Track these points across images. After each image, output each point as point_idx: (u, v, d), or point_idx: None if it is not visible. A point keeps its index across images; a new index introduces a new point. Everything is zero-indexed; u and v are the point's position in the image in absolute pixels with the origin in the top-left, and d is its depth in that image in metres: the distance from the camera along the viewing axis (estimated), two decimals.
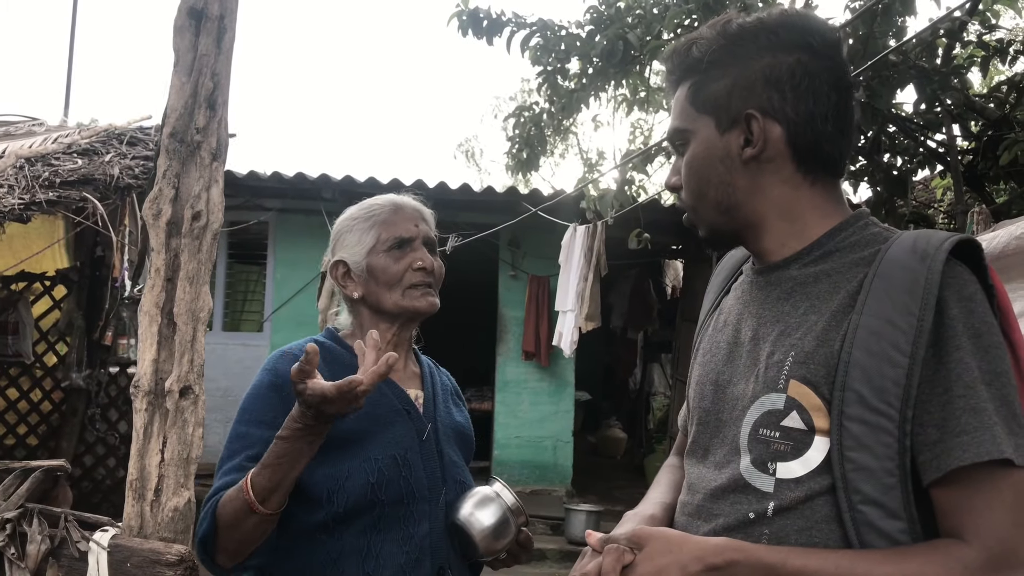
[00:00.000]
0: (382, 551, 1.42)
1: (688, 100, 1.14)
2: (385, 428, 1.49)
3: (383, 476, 1.44)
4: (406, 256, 1.56)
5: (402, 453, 1.47)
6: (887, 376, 0.95)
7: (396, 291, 1.55)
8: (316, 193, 7.65)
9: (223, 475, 1.44)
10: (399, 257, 1.55)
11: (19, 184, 4.22)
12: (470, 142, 19.57)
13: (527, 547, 1.55)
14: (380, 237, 1.56)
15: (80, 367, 5.91)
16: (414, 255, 1.56)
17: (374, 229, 1.57)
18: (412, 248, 1.57)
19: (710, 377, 1.18)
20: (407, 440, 1.50)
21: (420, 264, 1.55)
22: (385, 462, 1.45)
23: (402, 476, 1.46)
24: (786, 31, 1.09)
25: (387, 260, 1.55)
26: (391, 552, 1.42)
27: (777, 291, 1.11)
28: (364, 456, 1.44)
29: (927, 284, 0.96)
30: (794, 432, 1.01)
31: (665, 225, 7.39)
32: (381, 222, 1.58)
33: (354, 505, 1.42)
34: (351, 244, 1.58)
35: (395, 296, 1.55)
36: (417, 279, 1.55)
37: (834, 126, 1.09)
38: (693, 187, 1.15)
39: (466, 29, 5.25)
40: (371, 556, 1.41)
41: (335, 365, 1.52)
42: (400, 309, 1.55)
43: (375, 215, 1.59)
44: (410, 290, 1.55)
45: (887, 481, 0.95)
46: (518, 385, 8.18)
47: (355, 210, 1.63)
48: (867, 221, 1.11)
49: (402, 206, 1.61)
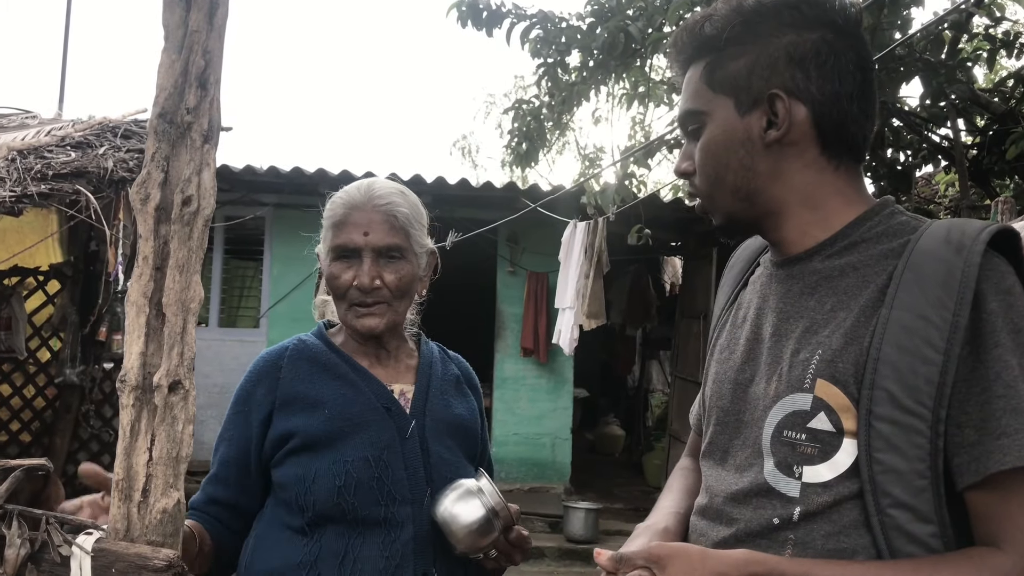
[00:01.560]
0: (360, 554, 1.36)
1: (703, 80, 1.07)
2: (359, 428, 1.42)
3: (351, 479, 1.37)
4: (351, 268, 1.45)
5: (377, 454, 1.40)
6: (920, 374, 0.89)
7: (342, 305, 1.47)
8: (313, 188, 7.58)
9: (203, 484, 1.47)
10: (344, 268, 1.45)
11: (10, 176, 4.16)
12: (466, 139, 19.49)
13: (522, 546, 1.46)
14: (332, 242, 1.47)
15: (74, 363, 5.86)
16: (355, 271, 1.44)
17: (330, 230, 1.48)
18: (359, 260, 1.45)
19: (728, 375, 1.12)
20: (385, 439, 1.42)
21: (356, 283, 1.43)
22: (355, 464, 1.38)
23: (376, 478, 1.38)
24: (808, 7, 1.03)
25: (332, 269, 1.46)
26: (371, 557, 1.36)
27: (800, 284, 1.05)
28: (333, 458, 1.38)
29: (964, 277, 0.90)
30: (822, 434, 0.95)
31: (665, 221, 7.34)
32: (333, 224, 1.48)
33: (322, 509, 1.37)
34: (322, 239, 1.52)
35: (341, 309, 1.48)
36: (355, 298, 1.45)
37: (859, 107, 1.03)
38: (710, 172, 1.08)
39: (465, 20, 5.18)
40: (348, 560, 1.36)
41: (311, 365, 1.48)
42: (346, 324, 1.49)
43: (333, 214, 1.49)
44: (353, 308, 1.46)
45: (918, 484, 0.90)
46: (516, 382, 8.13)
47: (331, 199, 1.53)
48: (893, 209, 1.05)
49: (357, 207, 1.46)
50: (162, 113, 1.10)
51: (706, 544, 1.07)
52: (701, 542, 1.09)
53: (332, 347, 1.52)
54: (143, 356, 1.06)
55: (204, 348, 6.97)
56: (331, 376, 1.47)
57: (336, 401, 1.43)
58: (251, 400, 1.45)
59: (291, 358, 1.48)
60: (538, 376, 8.10)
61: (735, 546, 1.02)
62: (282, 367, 1.47)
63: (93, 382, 6.03)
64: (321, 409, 1.42)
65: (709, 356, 1.21)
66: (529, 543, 1.49)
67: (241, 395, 1.47)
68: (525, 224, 7.30)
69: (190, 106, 1.10)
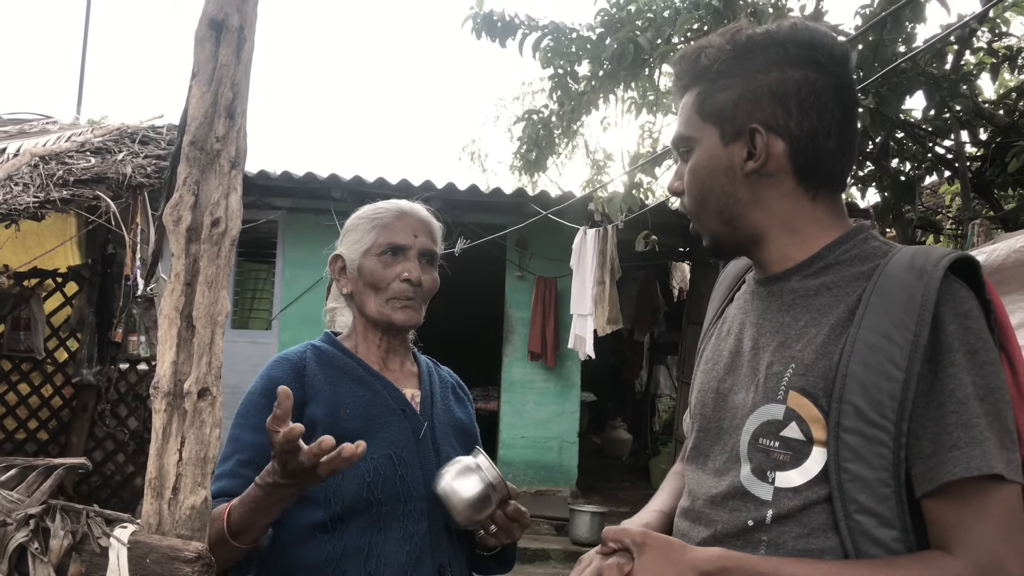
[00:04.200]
0: (383, 550, 1.44)
1: (694, 108, 1.15)
2: (381, 428, 1.51)
3: (379, 475, 1.46)
4: (397, 264, 1.57)
5: (398, 452, 1.50)
6: (883, 390, 0.97)
7: (379, 297, 1.57)
8: (325, 193, 7.69)
9: (216, 479, 1.47)
10: (389, 263, 1.57)
11: (34, 182, 4.27)
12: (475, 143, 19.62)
13: (520, 520, 1.54)
14: (377, 240, 1.58)
15: (90, 363, 5.96)
16: (405, 265, 1.57)
17: (375, 231, 1.59)
18: (405, 257, 1.58)
19: (711, 385, 1.20)
20: (403, 439, 1.52)
21: (406, 275, 1.56)
22: (381, 461, 1.47)
23: (398, 475, 1.48)
24: (795, 45, 1.10)
25: (377, 264, 1.57)
26: (392, 551, 1.45)
27: (778, 302, 1.13)
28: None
29: (924, 300, 0.97)
30: (793, 442, 1.03)
31: (672, 227, 7.40)
32: (382, 225, 1.60)
33: (351, 504, 1.44)
34: (352, 241, 1.62)
35: (378, 302, 1.57)
36: (400, 290, 1.56)
37: (836, 143, 1.10)
38: (695, 194, 1.17)
39: (480, 32, 5.28)
40: (373, 555, 1.44)
41: (329, 368, 1.56)
42: (379, 316, 1.57)
43: (379, 217, 1.61)
44: (392, 300, 1.56)
45: (882, 491, 0.97)
46: (524, 385, 8.20)
47: (366, 209, 1.66)
48: (867, 235, 1.12)
49: (407, 214, 1.62)
50: (193, 140, 1.20)
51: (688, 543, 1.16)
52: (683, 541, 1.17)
53: (346, 352, 1.61)
54: (174, 365, 1.15)
55: None
56: (349, 379, 1.56)
57: (356, 402, 1.52)
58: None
59: (312, 360, 1.56)
60: (545, 380, 8.17)
61: (713, 546, 1.11)
62: (306, 366, 1.55)
63: (109, 382, 6.14)
64: (343, 409, 1.50)
65: (696, 366, 1.29)
66: (527, 517, 1.57)
67: (268, 385, 1.50)
68: (535, 230, 7.38)
69: (219, 135, 1.19)
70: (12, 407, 6.23)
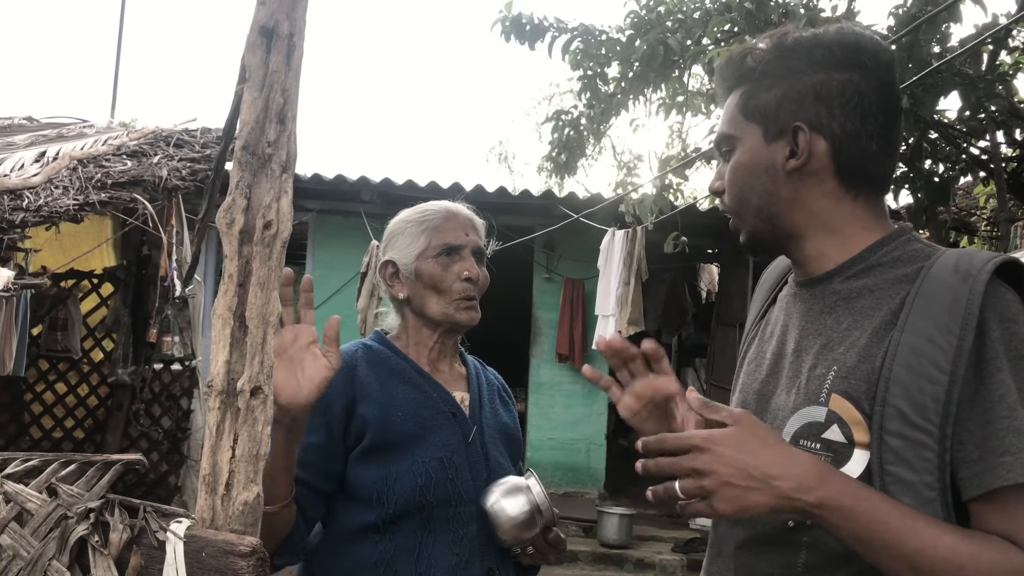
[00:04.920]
0: (433, 552, 1.45)
1: (738, 107, 1.16)
2: (432, 431, 1.52)
3: (430, 478, 1.47)
4: (454, 264, 1.59)
5: (448, 456, 1.50)
6: (927, 393, 0.96)
7: (442, 299, 1.58)
8: (355, 195, 7.75)
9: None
10: (447, 264, 1.58)
11: (73, 185, 4.36)
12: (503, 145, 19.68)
13: (557, 546, 1.57)
14: (431, 242, 1.59)
15: (126, 363, 6.06)
16: (462, 264, 1.59)
17: (426, 234, 1.60)
18: (461, 256, 1.59)
19: (754, 387, 1.20)
20: (453, 443, 1.53)
21: (467, 275, 1.58)
22: (432, 464, 1.48)
23: (449, 478, 1.49)
24: (840, 48, 1.10)
25: (435, 266, 1.58)
26: (442, 553, 1.46)
27: (820, 304, 1.13)
28: (412, 459, 1.47)
29: (968, 304, 0.97)
30: (834, 444, 1.03)
31: (701, 229, 7.37)
32: (433, 228, 1.61)
33: (403, 506, 1.45)
34: (402, 246, 1.62)
35: (441, 304, 1.58)
36: (463, 289, 1.58)
37: (879, 145, 1.10)
38: (736, 193, 1.18)
39: (509, 35, 5.30)
40: (423, 557, 1.45)
41: (380, 368, 1.56)
42: (443, 317, 1.58)
43: (428, 220, 1.62)
44: (456, 301, 1.58)
45: (926, 495, 0.97)
46: (551, 387, 8.21)
47: (409, 213, 1.66)
48: (909, 236, 1.12)
49: (455, 214, 1.64)
50: (245, 145, 1.22)
51: (728, 546, 1.16)
52: (724, 544, 1.17)
53: (398, 352, 1.61)
54: (228, 364, 1.17)
55: None
56: (401, 380, 1.56)
57: (408, 404, 1.52)
58: (330, 391, 1.43)
59: (363, 359, 1.57)
60: (573, 382, 8.17)
61: (755, 548, 1.11)
62: (357, 366, 1.55)
63: (143, 382, 6.24)
64: (395, 411, 1.51)
65: (738, 368, 1.30)
66: (564, 545, 1.60)
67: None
68: (562, 231, 7.39)
69: (270, 139, 1.21)
70: (50, 406, 6.35)
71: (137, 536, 1.08)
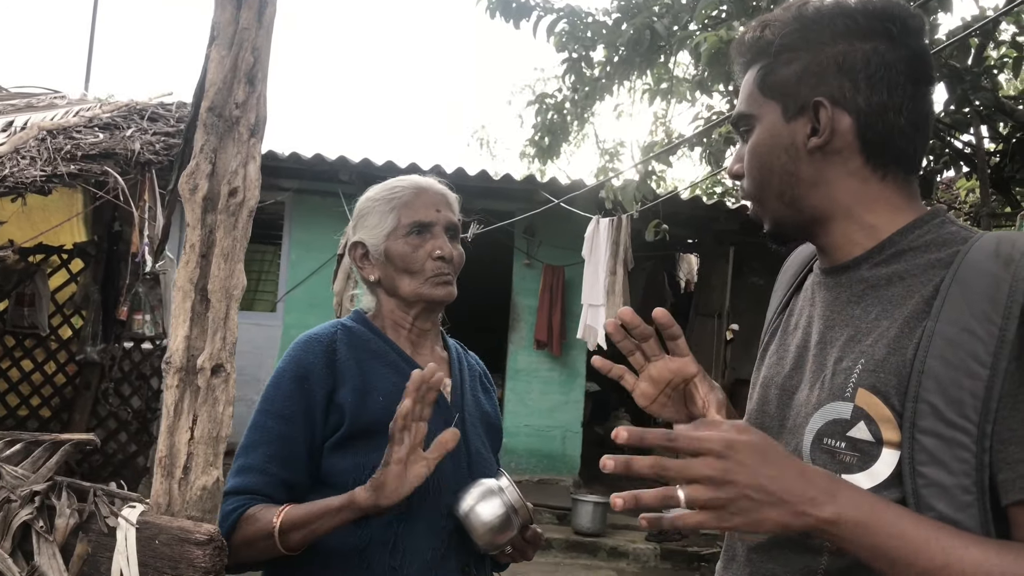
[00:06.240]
0: (408, 545, 1.40)
1: (756, 84, 1.08)
2: None
3: None
4: (425, 243, 1.52)
5: (427, 444, 1.44)
6: (964, 388, 0.88)
7: (415, 279, 1.52)
8: (334, 175, 7.65)
9: (239, 473, 1.38)
10: (418, 244, 1.52)
11: (41, 156, 4.22)
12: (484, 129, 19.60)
13: (535, 543, 1.53)
14: (400, 221, 1.53)
15: (95, 341, 5.92)
16: (434, 242, 1.52)
17: (394, 212, 1.53)
18: (432, 235, 1.53)
19: (776, 381, 1.13)
20: (434, 430, 1.43)
21: (439, 253, 1.51)
22: None
23: None
24: (865, 17, 1.02)
25: (405, 246, 1.51)
26: (418, 547, 1.40)
27: (847, 293, 1.05)
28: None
29: (1012, 292, 0.89)
30: (861, 443, 0.95)
31: (682, 218, 7.35)
32: (402, 205, 1.54)
33: None
34: (371, 226, 1.56)
35: (413, 283, 1.52)
36: (435, 268, 1.51)
37: (908, 119, 1.02)
38: (755, 175, 1.10)
39: (494, 11, 5.22)
40: (398, 549, 1.39)
41: (360, 351, 1.50)
42: (416, 296, 1.52)
43: (396, 197, 1.55)
44: (429, 280, 1.51)
45: (963, 499, 0.89)
46: (529, 374, 8.18)
47: (378, 190, 1.59)
48: (944, 219, 1.04)
49: (425, 189, 1.57)
50: (211, 107, 1.14)
51: (742, 550, 1.09)
52: (739, 547, 1.10)
53: (377, 333, 1.55)
54: (187, 339, 1.10)
55: None
56: (381, 363, 1.50)
57: (388, 389, 1.45)
58: (312, 376, 1.43)
59: (343, 341, 1.50)
60: (551, 369, 8.15)
61: (772, 551, 1.04)
62: (336, 348, 1.48)
63: (113, 360, 6.11)
64: (374, 396, 1.44)
65: (759, 360, 1.21)
66: (542, 540, 1.55)
67: (298, 371, 1.44)
68: (543, 217, 7.33)
69: (238, 101, 1.14)
70: (15, 383, 6.20)
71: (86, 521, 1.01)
